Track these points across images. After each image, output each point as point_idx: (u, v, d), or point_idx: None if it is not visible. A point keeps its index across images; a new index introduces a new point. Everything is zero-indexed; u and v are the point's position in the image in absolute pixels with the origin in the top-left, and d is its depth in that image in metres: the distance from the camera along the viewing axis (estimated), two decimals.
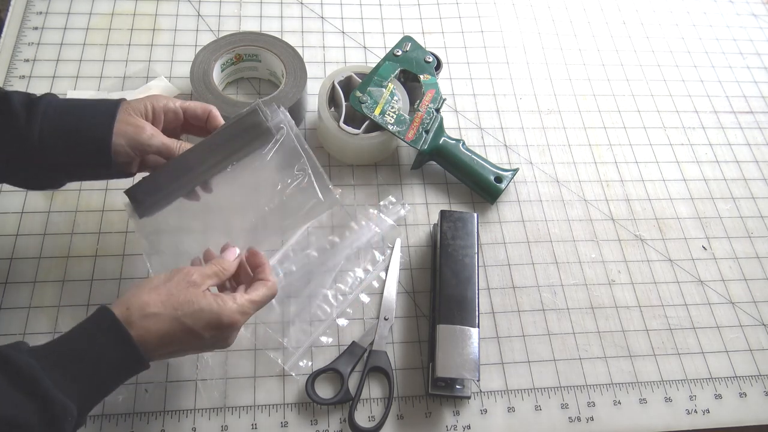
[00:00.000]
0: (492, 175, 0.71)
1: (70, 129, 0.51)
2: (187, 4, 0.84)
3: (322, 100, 0.71)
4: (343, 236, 0.68)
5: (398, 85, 0.72)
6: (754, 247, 0.73)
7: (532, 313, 0.66)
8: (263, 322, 0.62)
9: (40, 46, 0.78)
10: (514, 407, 0.61)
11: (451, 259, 0.62)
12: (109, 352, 0.45)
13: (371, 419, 0.59)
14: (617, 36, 0.90)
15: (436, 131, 0.71)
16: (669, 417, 0.62)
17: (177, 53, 0.80)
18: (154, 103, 0.54)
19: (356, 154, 0.72)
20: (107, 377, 0.45)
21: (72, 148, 0.51)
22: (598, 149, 0.79)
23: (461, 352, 0.57)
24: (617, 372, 0.63)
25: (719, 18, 0.94)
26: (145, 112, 0.54)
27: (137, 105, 0.53)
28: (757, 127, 0.84)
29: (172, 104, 0.55)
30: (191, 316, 0.47)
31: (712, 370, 0.65)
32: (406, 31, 0.86)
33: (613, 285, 0.69)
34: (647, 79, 0.86)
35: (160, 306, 0.46)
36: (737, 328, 0.67)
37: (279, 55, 0.74)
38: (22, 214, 0.66)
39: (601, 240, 0.72)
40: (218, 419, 0.57)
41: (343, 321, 0.63)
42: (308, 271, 0.65)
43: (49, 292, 0.62)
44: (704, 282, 0.70)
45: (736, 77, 0.88)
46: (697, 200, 0.76)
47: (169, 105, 0.55)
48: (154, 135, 0.53)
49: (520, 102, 0.81)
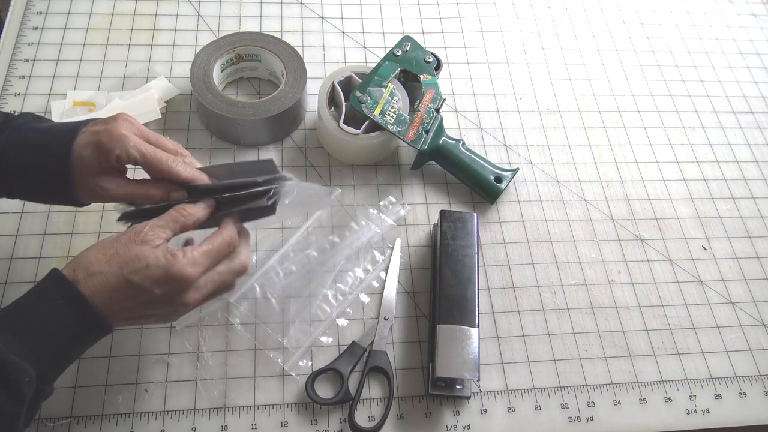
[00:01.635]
0: (492, 175, 0.71)
1: (32, 141, 0.50)
2: (187, 4, 0.84)
3: (322, 100, 0.71)
4: (343, 236, 0.68)
5: (398, 85, 0.72)
6: (754, 247, 0.73)
7: (532, 313, 0.66)
8: (263, 322, 0.62)
9: (40, 46, 0.78)
10: (514, 407, 0.61)
11: (451, 259, 0.62)
12: (60, 311, 0.44)
13: (371, 419, 0.59)
14: (617, 36, 0.90)
15: (436, 131, 0.71)
16: (669, 417, 0.62)
17: (177, 53, 0.80)
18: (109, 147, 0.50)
19: (356, 154, 0.72)
20: (64, 337, 0.45)
21: (30, 153, 0.50)
22: (598, 149, 0.79)
23: (461, 352, 0.57)
24: (617, 372, 0.63)
25: (719, 18, 0.94)
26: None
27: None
28: (757, 127, 0.84)
29: (134, 152, 0.50)
30: (138, 272, 0.45)
31: (712, 370, 0.65)
32: (406, 31, 0.86)
33: (613, 285, 0.69)
34: (647, 79, 0.86)
35: (104, 264, 0.45)
36: (737, 328, 0.67)
37: (279, 55, 0.74)
38: (22, 214, 0.66)
39: (601, 240, 0.72)
40: (218, 419, 0.57)
41: (343, 321, 0.63)
42: (308, 271, 0.65)
43: None
44: (704, 282, 0.70)
45: (736, 77, 0.88)
46: (697, 200, 0.76)
47: (131, 153, 0.50)
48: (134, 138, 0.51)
49: (520, 102, 0.81)
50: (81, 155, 0.49)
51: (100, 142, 0.49)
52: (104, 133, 0.50)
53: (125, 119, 0.51)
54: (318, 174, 0.72)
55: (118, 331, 0.60)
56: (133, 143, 0.50)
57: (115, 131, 0.50)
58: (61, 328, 0.44)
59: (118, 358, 0.59)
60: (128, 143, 0.49)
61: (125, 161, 0.50)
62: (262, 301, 0.63)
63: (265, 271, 0.65)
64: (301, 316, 0.63)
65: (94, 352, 0.59)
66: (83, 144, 0.50)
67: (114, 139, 0.49)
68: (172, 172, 0.51)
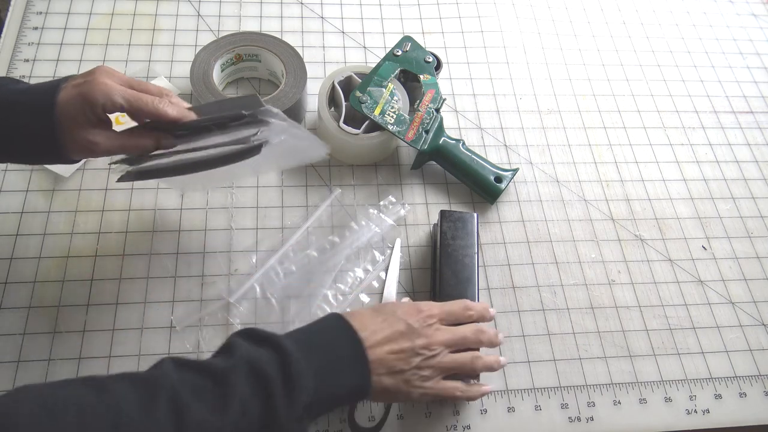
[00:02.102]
0: (492, 175, 0.71)
1: (13, 102, 0.49)
2: (187, 4, 0.84)
3: (322, 100, 0.71)
4: (343, 236, 0.68)
5: (398, 85, 0.72)
6: (754, 247, 0.73)
7: (532, 313, 0.66)
8: (263, 322, 0.62)
9: (40, 46, 0.78)
10: (514, 407, 0.61)
11: (451, 259, 0.62)
12: (341, 345, 0.48)
13: (371, 419, 0.58)
14: (617, 36, 0.90)
15: (436, 131, 0.71)
16: (669, 417, 0.62)
17: (177, 53, 0.80)
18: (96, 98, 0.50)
19: (356, 154, 0.72)
20: (337, 369, 0.47)
21: (12, 114, 0.49)
22: (598, 149, 0.79)
23: None
24: (617, 372, 0.63)
25: (719, 18, 0.94)
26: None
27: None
28: (757, 127, 0.84)
29: (119, 99, 0.50)
30: (387, 309, 0.52)
31: (712, 370, 0.65)
32: (406, 31, 0.86)
33: (613, 285, 0.69)
34: (647, 79, 0.86)
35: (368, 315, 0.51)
36: (737, 328, 0.67)
37: (279, 55, 0.74)
38: (22, 214, 0.66)
39: (601, 240, 0.72)
40: None
41: None
42: (308, 271, 0.65)
43: (49, 292, 0.62)
44: (704, 282, 0.70)
45: (736, 77, 0.88)
46: (697, 200, 0.76)
47: (116, 100, 0.50)
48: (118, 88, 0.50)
49: (520, 102, 0.81)
50: (66, 111, 0.49)
51: (84, 95, 0.49)
52: (86, 84, 0.49)
53: (105, 70, 0.51)
54: (318, 174, 0.72)
55: (118, 330, 0.60)
56: (117, 91, 0.49)
57: (97, 81, 0.49)
58: (339, 363, 0.48)
59: (119, 358, 0.59)
60: (112, 91, 0.49)
61: (111, 110, 0.50)
62: (262, 301, 0.63)
63: (265, 271, 0.65)
64: (301, 316, 0.63)
65: (94, 352, 0.59)
66: (66, 99, 0.49)
67: (97, 89, 0.49)
68: (159, 112, 0.51)
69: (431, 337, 0.51)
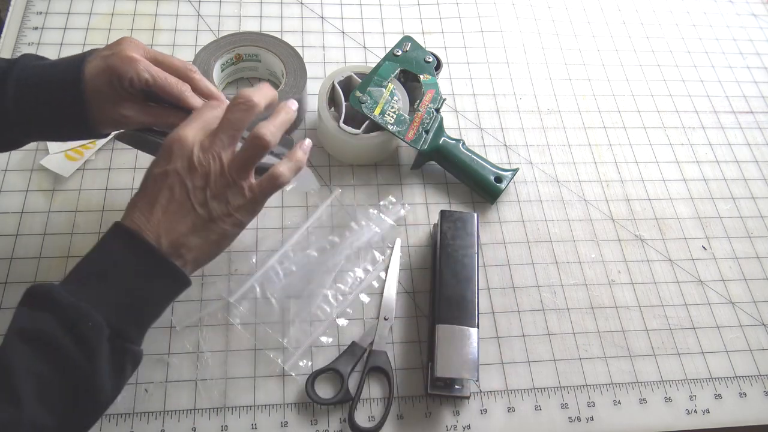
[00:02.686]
0: (492, 175, 0.71)
1: (40, 78, 0.49)
2: (187, 4, 0.84)
3: (322, 100, 0.71)
4: (343, 236, 0.68)
5: (398, 85, 0.72)
6: (754, 247, 0.73)
7: (532, 313, 0.66)
8: (263, 322, 0.62)
9: (40, 46, 0.78)
10: (514, 407, 0.61)
11: (451, 259, 0.62)
12: (114, 249, 0.44)
13: (371, 419, 0.59)
14: (617, 36, 0.90)
15: (436, 131, 0.71)
16: (669, 417, 0.62)
17: (177, 53, 0.79)
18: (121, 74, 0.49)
19: (356, 154, 0.72)
20: (124, 277, 0.44)
21: (41, 91, 0.49)
22: (598, 149, 0.79)
23: (460, 352, 0.57)
24: (617, 372, 0.63)
25: (719, 18, 0.94)
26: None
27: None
28: (757, 127, 0.84)
29: (145, 74, 0.49)
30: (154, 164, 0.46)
31: (712, 370, 0.65)
32: (406, 31, 0.86)
33: (613, 285, 0.69)
34: (647, 79, 0.86)
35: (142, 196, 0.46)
36: (737, 328, 0.67)
37: (279, 55, 0.74)
38: (22, 214, 0.66)
39: (601, 240, 0.72)
40: (218, 419, 0.57)
41: (343, 321, 0.63)
42: (308, 271, 0.65)
43: None
44: (704, 282, 0.70)
45: (736, 77, 0.88)
46: (697, 200, 0.76)
47: (142, 75, 0.49)
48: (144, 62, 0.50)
49: (520, 102, 0.81)
50: (93, 83, 0.49)
51: (111, 67, 0.48)
52: (113, 57, 0.49)
53: (131, 41, 0.50)
54: (318, 174, 0.72)
55: None
56: (143, 65, 0.49)
57: (125, 53, 0.49)
58: (116, 265, 0.43)
59: None
60: (138, 66, 0.49)
61: (137, 85, 0.49)
62: (262, 301, 0.63)
63: (265, 271, 0.65)
64: (301, 316, 0.63)
65: None
66: (94, 72, 0.49)
67: (125, 62, 0.48)
68: (184, 100, 0.51)
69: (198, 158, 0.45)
